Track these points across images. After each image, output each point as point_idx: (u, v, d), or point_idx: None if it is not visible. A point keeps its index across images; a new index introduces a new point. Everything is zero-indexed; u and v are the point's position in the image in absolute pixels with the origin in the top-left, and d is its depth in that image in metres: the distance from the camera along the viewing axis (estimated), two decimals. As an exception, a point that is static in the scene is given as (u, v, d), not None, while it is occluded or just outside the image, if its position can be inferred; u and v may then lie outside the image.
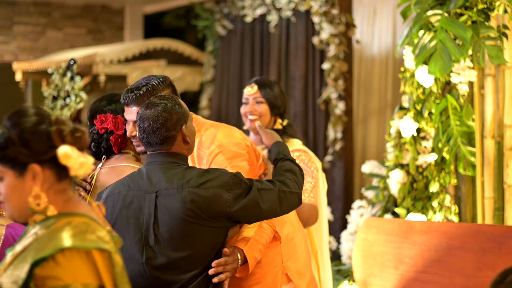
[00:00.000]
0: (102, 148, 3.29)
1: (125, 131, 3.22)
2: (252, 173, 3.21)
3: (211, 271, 2.86)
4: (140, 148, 3.14)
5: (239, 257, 2.95)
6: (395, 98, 6.74)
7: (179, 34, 9.61)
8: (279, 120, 3.99)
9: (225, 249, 2.90)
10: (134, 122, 3.07)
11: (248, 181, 2.93)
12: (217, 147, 3.12)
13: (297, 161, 3.84)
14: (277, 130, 3.95)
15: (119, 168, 3.23)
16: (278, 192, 2.95)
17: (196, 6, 8.07)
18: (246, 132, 3.90)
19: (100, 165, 3.30)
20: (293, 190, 3.01)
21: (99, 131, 3.26)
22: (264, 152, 3.76)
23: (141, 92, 3.05)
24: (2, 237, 2.73)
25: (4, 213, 2.73)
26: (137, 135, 3.02)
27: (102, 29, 9.80)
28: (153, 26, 10.11)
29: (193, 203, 2.82)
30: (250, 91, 3.97)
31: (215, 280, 2.87)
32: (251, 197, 2.89)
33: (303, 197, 3.80)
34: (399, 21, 6.69)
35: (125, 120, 3.17)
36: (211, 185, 2.85)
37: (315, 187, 3.87)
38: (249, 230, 3.07)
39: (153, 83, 3.08)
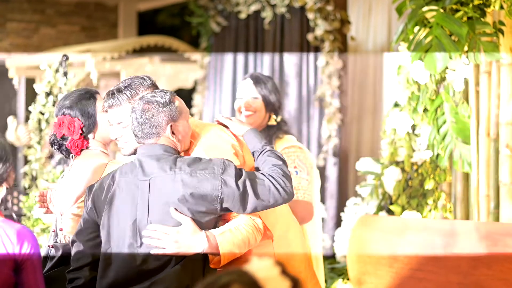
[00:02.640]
0: (63, 151, 3.29)
1: (82, 134, 3.25)
2: None
3: (144, 233, 2.86)
4: (125, 150, 3.15)
5: (205, 241, 2.85)
6: (390, 96, 6.70)
7: (174, 32, 9.57)
8: (273, 116, 3.94)
9: (172, 208, 2.86)
10: (118, 123, 3.09)
11: (239, 169, 2.96)
12: (203, 150, 3.08)
13: (292, 157, 3.82)
14: (271, 126, 3.92)
15: (88, 165, 3.24)
16: (269, 186, 2.95)
17: (190, 3, 8.02)
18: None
19: (70, 164, 3.33)
20: (284, 185, 3.00)
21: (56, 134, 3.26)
22: None
23: (122, 93, 3.07)
24: None
25: None
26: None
27: (96, 26, 9.76)
28: (147, 23, 10.07)
29: (185, 188, 2.86)
30: (245, 86, 3.93)
31: (153, 251, 2.85)
32: (242, 185, 2.90)
33: (298, 194, 3.76)
34: (394, 18, 6.65)
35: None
36: (202, 171, 2.89)
37: (310, 184, 3.83)
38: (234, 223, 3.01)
39: (135, 83, 3.09)
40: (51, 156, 5.83)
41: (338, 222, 6.15)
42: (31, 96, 8.13)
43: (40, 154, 5.72)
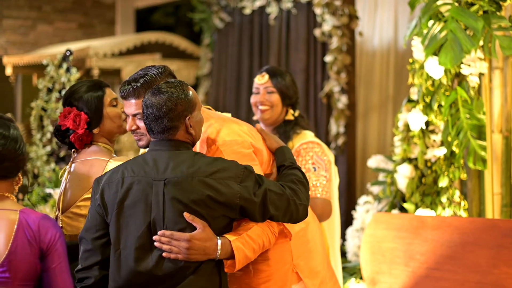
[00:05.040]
0: (66, 143, 3.23)
1: (87, 129, 3.16)
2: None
3: (155, 238, 2.76)
4: (142, 143, 3.03)
5: (219, 247, 2.77)
6: (397, 92, 6.64)
7: (168, 30, 9.51)
8: (291, 111, 3.84)
9: (186, 213, 2.76)
10: (134, 115, 2.97)
11: (259, 177, 2.87)
12: (219, 146, 2.99)
13: (310, 154, 3.73)
14: (289, 121, 3.82)
15: (89, 162, 3.15)
16: (288, 200, 2.89)
17: (191, -1, 7.95)
18: (256, 123, 3.75)
19: (71, 162, 3.25)
20: (303, 203, 2.95)
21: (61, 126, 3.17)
22: None
23: (139, 84, 2.94)
24: (17, 222, 2.72)
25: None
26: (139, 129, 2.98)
27: (93, 23, 9.71)
28: (145, 21, 10.01)
29: (203, 192, 2.75)
30: (261, 80, 3.83)
31: (164, 254, 2.76)
32: (261, 195, 2.82)
33: (317, 191, 3.67)
34: (400, 13, 6.60)
35: (126, 115, 3.05)
36: (222, 176, 2.78)
37: (329, 181, 3.73)
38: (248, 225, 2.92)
39: (151, 73, 2.96)
40: (52, 153, 5.73)
41: (347, 220, 6.08)
42: (28, 93, 8.05)
43: (42, 151, 5.63)
